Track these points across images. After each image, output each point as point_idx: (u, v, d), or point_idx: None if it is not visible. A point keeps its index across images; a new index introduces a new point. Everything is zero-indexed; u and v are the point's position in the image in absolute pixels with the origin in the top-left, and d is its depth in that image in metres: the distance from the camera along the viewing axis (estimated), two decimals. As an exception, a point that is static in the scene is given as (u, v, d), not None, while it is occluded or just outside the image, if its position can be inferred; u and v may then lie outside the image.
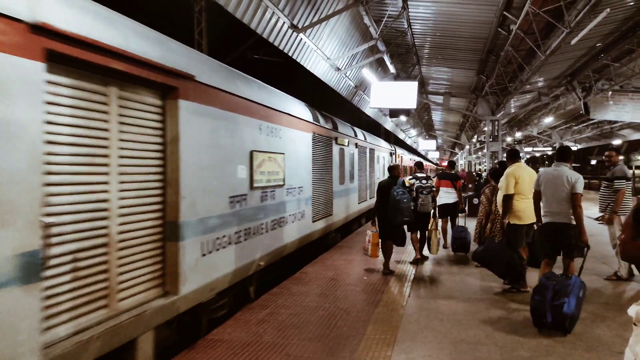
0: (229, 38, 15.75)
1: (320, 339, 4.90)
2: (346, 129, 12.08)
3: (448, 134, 43.85)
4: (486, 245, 6.66)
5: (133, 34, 4.14)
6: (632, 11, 10.49)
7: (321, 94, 30.11)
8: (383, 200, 7.65)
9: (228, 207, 5.67)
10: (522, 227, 6.45)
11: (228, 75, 5.95)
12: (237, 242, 5.91)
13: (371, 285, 7.10)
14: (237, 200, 5.91)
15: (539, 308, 4.97)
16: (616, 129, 33.04)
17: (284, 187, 7.59)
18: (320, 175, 9.73)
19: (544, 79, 17.62)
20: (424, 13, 11.26)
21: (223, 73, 5.84)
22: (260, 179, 6.62)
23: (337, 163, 11.01)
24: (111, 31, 3.81)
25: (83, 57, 3.47)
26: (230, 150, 5.77)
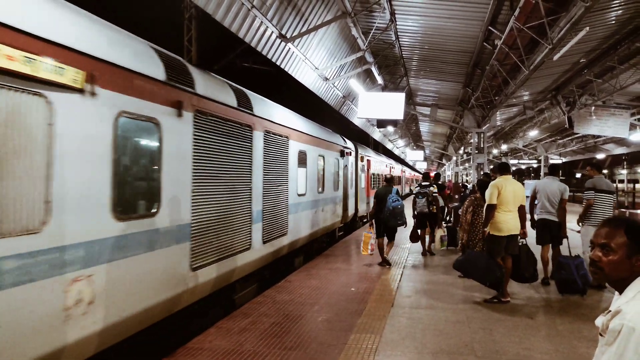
0: (219, 46, 15.77)
1: (302, 348, 4.90)
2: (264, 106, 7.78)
3: (435, 144, 44.26)
4: (466, 255, 6.97)
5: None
6: (613, 29, 10.77)
7: (310, 104, 27.96)
8: (380, 206, 9.04)
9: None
10: (501, 238, 6.63)
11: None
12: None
13: (356, 294, 7.12)
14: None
15: (567, 279, 6.84)
16: (600, 143, 33.62)
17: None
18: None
19: (529, 93, 17.93)
20: (412, 26, 11.42)
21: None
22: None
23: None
24: None
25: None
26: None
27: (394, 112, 13.73)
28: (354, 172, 16.19)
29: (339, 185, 13.80)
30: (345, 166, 14.62)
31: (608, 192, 7.49)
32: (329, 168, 12.43)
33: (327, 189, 12.29)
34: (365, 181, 18.21)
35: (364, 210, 17.95)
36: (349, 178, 15.41)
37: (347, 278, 8.22)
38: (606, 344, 1.82)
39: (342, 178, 14.15)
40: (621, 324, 1.75)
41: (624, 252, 1.83)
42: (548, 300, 6.87)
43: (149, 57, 4.92)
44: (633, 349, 1.69)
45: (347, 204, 15.04)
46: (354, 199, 16.14)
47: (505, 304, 6.55)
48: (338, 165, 13.64)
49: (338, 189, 13.61)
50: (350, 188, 15.62)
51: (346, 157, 14.55)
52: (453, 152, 40.66)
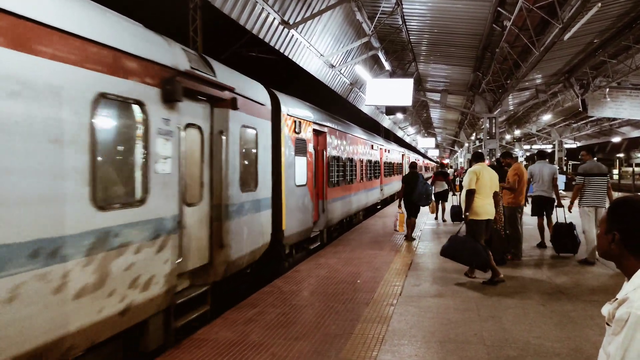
0: (224, 35, 15.68)
1: (307, 338, 4.85)
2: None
3: (447, 131, 43.80)
4: (450, 242, 7.16)
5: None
6: (628, 7, 10.41)
7: (318, 93, 25.80)
8: (407, 189, 10.71)
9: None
10: (480, 221, 7.03)
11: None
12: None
13: (364, 283, 7.05)
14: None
15: (562, 241, 8.47)
16: (615, 126, 32.97)
17: None
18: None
19: (541, 76, 17.55)
20: (419, 9, 11.19)
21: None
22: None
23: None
24: None
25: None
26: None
27: (403, 99, 13.55)
28: (266, 150, 7.53)
29: (205, 186, 6.00)
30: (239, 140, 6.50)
31: (599, 175, 8.04)
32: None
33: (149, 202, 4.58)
34: (314, 169, 10.17)
35: (307, 225, 9.57)
36: (254, 164, 7.11)
37: (356, 267, 8.14)
38: (613, 333, 1.72)
39: (223, 166, 6.01)
40: (628, 313, 1.64)
41: (604, 228, 1.83)
42: (559, 285, 6.72)
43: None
44: (641, 339, 1.59)
45: (240, 227, 6.57)
46: (268, 210, 7.57)
47: (502, 283, 6.78)
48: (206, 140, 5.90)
49: (201, 198, 5.75)
50: (256, 186, 7.09)
51: (237, 119, 6.33)
52: (465, 139, 40.19)
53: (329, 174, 11.20)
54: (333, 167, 11.67)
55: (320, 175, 10.62)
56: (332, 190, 11.37)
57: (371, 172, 17.39)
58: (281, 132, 8.17)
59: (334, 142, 11.84)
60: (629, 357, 1.60)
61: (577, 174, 8.36)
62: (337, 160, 12.16)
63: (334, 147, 11.72)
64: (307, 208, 9.41)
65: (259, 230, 7.03)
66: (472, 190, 6.94)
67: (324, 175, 10.82)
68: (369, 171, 16.97)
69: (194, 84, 5.23)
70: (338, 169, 12.20)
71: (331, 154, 11.42)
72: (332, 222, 11.50)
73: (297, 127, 8.81)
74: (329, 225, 11.23)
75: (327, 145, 11.02)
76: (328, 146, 11.10)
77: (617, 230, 1.81)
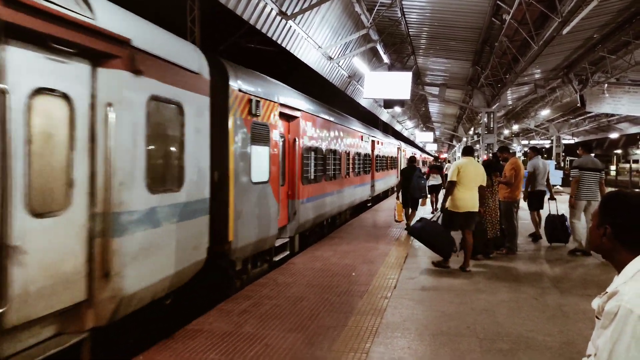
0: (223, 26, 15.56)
1: (301, 330, 4.86)
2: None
3: (445, 126, 43.75)
4: (423, 224, 7.58)
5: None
6: (629, 1, 10.37)
7: (318, 85, 25.31)
8: (404, 182, 11.11)
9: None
10: (456, 214, 7.24)
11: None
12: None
13: (359, 276, 7.06)
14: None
15: (554, 232, 8.92)
16: (613, 122, 32.96)
17: None
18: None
19: (540, 71, 17.51)
20: (419, 2, 11.12)
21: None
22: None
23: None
24: None
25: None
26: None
27: (401, 92, 13.50)
28: (201, 135, 5.60)
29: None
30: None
31: (594, 170, 8.30)
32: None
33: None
34: (281, 163, 8.34)
35: (269, 232, 7.63)
36: (177, 153, 5.19)
37: (351, 260, 8.15)
38: (602, 326, 1.72)
39: (113, 155, 4.06)
40: (618, 306, 1.64)
41: (596, 222, 1.86)
42: (553, 279, 6.75)
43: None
44: (630, 333, 1.59)
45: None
46: (205, 216, 5.64)
47: (447, 269, 7.28)
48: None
49: (69, 204, 3.80)
50: (181, 185, 5.15)
51: (143, 87, 4.48)
52: (463, 133, 40.16)
53: (303, 169, 9.19)
54: (309, 161, 9.63)
55: (291, 170, 8.77)
56: (308, 188, 9.49)
57: (360, 167, 15.42)
58: (229, 113, 6.23)
59: (311, 130, 9.74)
60: (617, 351, 1.60)
61: (572, 168, 8.76)
62: (315, 152, 10.06)
63: (310, 136, 9.67)
64: (270, 211, 7.47)
65: (185, 245, 5.06)
66: (453, 182, 7.24)
67: (297, 170, 8.86)
68: (358, 165, 15.06)
69: (33, 21, 3.25)
70: (316, 163, 10.13)
71: (306, 145, 9.43)
72: (307, 225, 9.60)
73: (256, 109, 6.87)
74: (302, 230, 9.39)
75: (300, 134, 9.01)
76: (302, 135, 9.12)
77: (609, 224, 1.82)
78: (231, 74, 6.45)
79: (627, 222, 1.78)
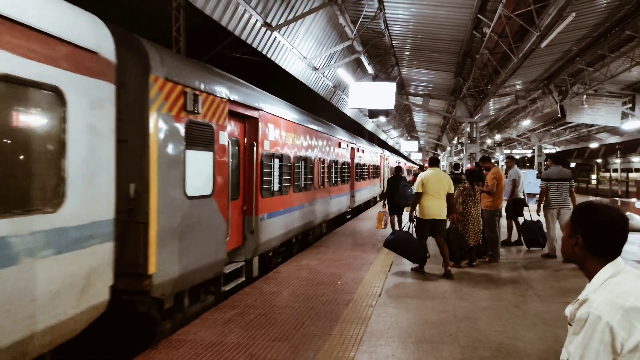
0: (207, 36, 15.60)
1: (286, 339, 4.88)
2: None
3: (430, 135, 44.24)
4: (395, 236, 7.91)
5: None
6: (603, 17, 10.71)
7: (301, 95, 24.99)
8: (390, 190, 11.68)
9: None
10: (425, 221, 7.67)
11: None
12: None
13: (344, 284, 7.11)
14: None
15: (532, 237, 9.47)
16: (593, 132, 33.68)
17: None
18: None
19: (521, 82, 17.89)
20: (402, 14, 11.32)
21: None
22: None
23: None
24: None
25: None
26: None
27: (385, 102, 13.68)
28: (98, 135, 4.14)
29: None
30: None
31: (561, 180, 8.83)
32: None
33: None
34: (230, 172, 6.82)
35: (213, 258, 6.29)
36: (52, 159, 3.67)
37: (337, 269, 8.20)
38: (573, 332, 1.81)
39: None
40: (588, 313, 1.73)
41: (568, 232, 1.95)
42: (534, 287, 6.88)
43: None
44: (599, 338, 1.67)
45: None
46: (105, 244, 4.19)
47: (423, 273, 7.70)
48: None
49: None
50: (61, 203, 3.68)
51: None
52: (447, 142, 40.67)
53: (264, 179, 7.85)
54: (272, 170, 8.35)
55: (248, 181, 7.46)
56: (270, 202, 8.16)
57: (338, 176, 14.08)
58: (150, 108, 4.88)
59: (274, 133, 8.44)
60: (587, 356, 1.69)
61: (542, 179, 9.19)
62: (281, 160, 8.82)
63: (274, 141, 8.39)
64: (215, 231, 6.09)
65: (65, 287, 3.67)
66: (419, 194, 7.69)
67: (256, 180, 7.51)
68: (335, 174, 13.76)
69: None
70: (282, 172, 8.89)
71: (268, 151, 8.08)
72: (270, 245, 8.22)
73: (193, 104, 5.59)
74: (264, 250, 7.99)
75: (260, 138, 7.64)
76: (262, 139, 7.77)
77: (581, 235, 1.91)
78: (153, 58, 5.00)
79: (597, 233, 1.88)
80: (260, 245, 7.71)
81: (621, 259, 1.87)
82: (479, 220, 8.30)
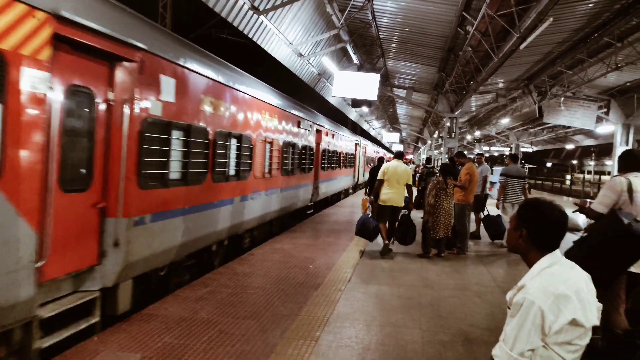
0: (195, 14, 15.44)
1: (255, 318, 5.05)
2: None
3: (412, 127, 44.63)
4: (361, 221, 8.60)
5: None
6: (583, 22, 10.99)
7: (286, 80, 23.29)
8: (373, 180, 10.66)
9: None
10: (383, 207, 8.47)
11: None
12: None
13: (316, 268, 7.29)
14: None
15: (495, 230, 9.68)
16: (570, 134, 34.48)
17: None
18: None
19: (503, 81, 18.21)
20: (390, 7, 11.41)
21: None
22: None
23: None
24: None
25: None
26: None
27: (369, 93, 13.78)
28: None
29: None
30: None
31: (518, 177, 9.63)
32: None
33: None
34: (74, 150, 4.43)
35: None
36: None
37: (310, 253, 8.38)
38: (511, 315, 2.01)
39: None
40: (524, 298, 1.94)
41: (513, 225, 2.15)
42: (497, 279, 7.18)
43: None
44: (531, 320, 1.88)
45: None
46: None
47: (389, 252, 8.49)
48: None
49: None
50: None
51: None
52: (428, 136, 41.12)
53: (142, 161, 5.18)
54: (167, 147, 5.66)
55: (113, 162, 4.82)
56: (158, 196, 5.54)
57: (293, 163, 11.42)
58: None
59: (173, 91, 5.74)
60: (520, 336, 1.90)
61: (500, 175, 9.95)
62: (186, 133, 6.08)
63: (171, 104, 5.71)
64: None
65: None
66: (380, 181, 8.49)
67: (124, 162, 4.87)
68: (290, 161, 11.16)
69: None
70: (190, 152, 6.14)
71: (158, 117, 5.45)
72: (157, 261, 5.61)
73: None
74: (143, 271, 5.40)
75: (138, 94, 5.04)
76: (144, 96, 5.14)
77: (525, 228, 2.11)
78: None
79: (539, 227, 2.08)
80: (134, 264, 5.09)
81: (559, 252, 2.08)
82: (451, 213, 8.55)
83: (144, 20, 5.64)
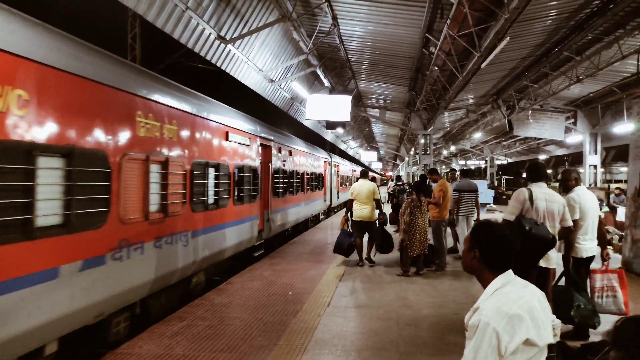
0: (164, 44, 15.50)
1: (233, 350, 4.97)
2: None
3: (389, 145, 45.16)
4: (339, 239, 9.39)
5: None
6: (542, 38, 11.42)
7: (259, 105, 21.50)
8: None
9: None
10: (354, 221, 9.41)
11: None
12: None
13: (295, 295, 7.24)
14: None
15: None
16: (542, 144, 35.37)
17: None
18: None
19: (472, 97, 18.67)
20: (356, 31, 11.67)
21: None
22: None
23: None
24: None
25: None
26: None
27: (341, 114, 13.95)
28: None
29: None
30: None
31: (469, 191, 10.23)
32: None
33: None
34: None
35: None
36: None
37: (289, 279, 8.32)
38: (468, 338, 2.03)
39: None
40: (479, 320, 1.96)
41: (467, 245, 2.21)
42: (474, 296, 7.21)
43: None
44: (487, 342, 1.90)
45: None
46: None
47: (362, 266, 9.35)
48: None
49: None
50: None
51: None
52: (405, 153, 41.63)
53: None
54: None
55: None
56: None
57: (223, 190, 8.26)
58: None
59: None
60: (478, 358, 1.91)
61: (454, 191, 10.22)
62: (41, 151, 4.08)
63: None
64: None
65: None
66: (351, 200, 9.48)
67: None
68: (215, 188, 7.96)
69: None
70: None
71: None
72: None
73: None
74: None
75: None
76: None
77: (478, 249, 2.17)
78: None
79: (491, 249, 2.14)
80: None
81: (511, 271, 2.13)
82: (426, 230, 8.63)
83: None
